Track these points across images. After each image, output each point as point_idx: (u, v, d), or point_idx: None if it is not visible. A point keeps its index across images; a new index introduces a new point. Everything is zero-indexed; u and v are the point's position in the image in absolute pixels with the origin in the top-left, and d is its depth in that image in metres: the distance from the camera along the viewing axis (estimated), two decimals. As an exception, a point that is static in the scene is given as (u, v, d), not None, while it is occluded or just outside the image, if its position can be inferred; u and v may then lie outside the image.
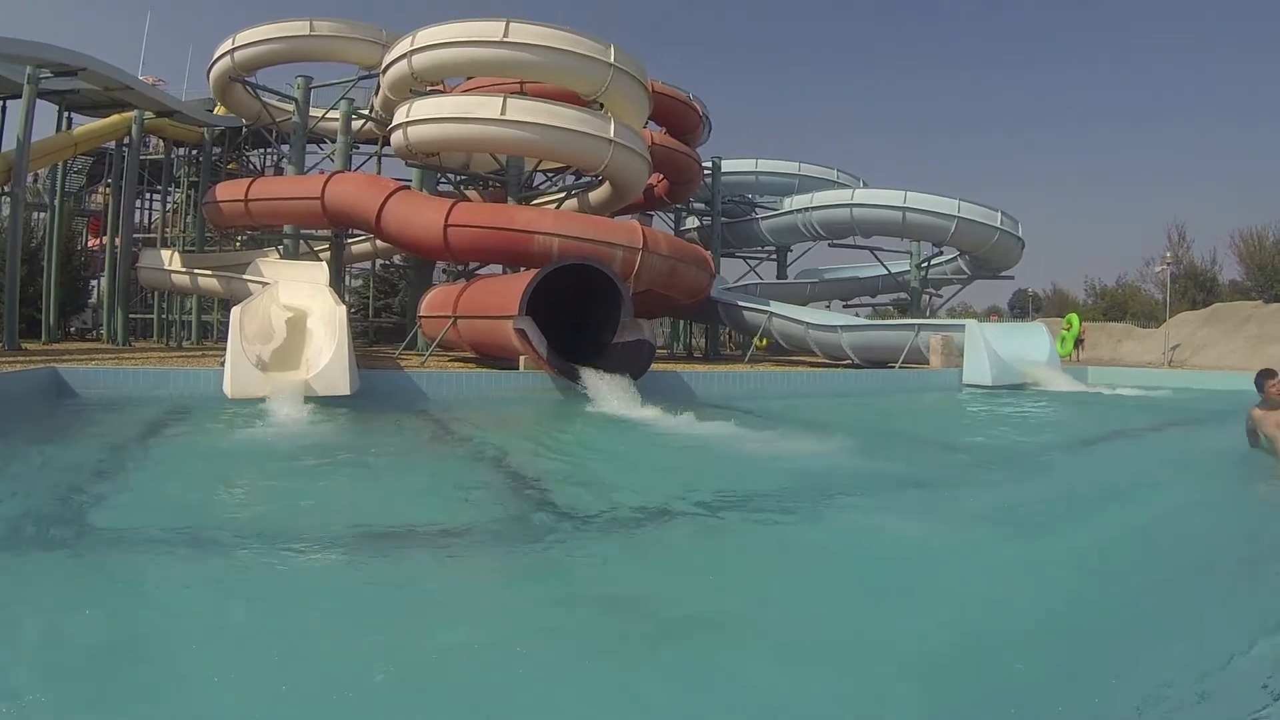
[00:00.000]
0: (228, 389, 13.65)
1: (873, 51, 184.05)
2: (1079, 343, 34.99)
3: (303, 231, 27.28)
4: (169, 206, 39.76)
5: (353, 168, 29.06)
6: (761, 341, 29.86)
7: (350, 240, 30.36)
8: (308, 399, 13.50)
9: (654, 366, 17.81)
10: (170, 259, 27.71)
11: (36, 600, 4.71)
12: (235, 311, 14.78)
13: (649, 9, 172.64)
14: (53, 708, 3.34)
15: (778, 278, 40.76)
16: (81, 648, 3.98)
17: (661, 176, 31.27)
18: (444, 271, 29.52)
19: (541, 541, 6.20)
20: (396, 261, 38.05)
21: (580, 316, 18.70)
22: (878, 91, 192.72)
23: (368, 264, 39.86)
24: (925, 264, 36.96)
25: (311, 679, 3.67)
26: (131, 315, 31.59)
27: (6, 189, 23.93)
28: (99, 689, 3.56)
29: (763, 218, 37.94)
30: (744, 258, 42.33)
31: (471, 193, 29.33)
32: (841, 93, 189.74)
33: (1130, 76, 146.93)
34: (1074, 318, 36.29)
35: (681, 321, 40.89)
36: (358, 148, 31.78)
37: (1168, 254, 44.96)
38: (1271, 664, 3.83)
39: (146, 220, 41.97)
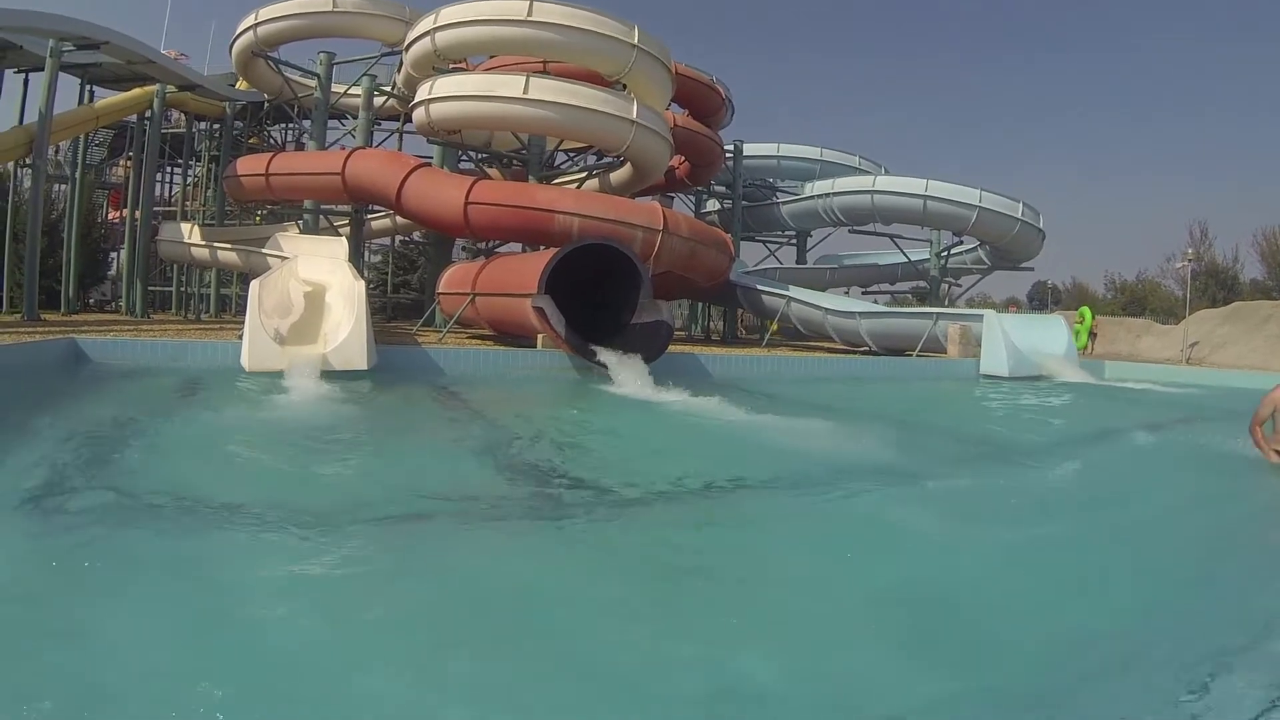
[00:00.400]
0: (245, 362, 13.70)
1: (884, 43, 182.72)
2: (1092, 336, 34.80)
3: (323, 207, 27.30)
4: (189, 180, 39.76)
5: (374, 144, 29.05)
6: (773, 326, 29.79)
7: (370, 216, 30.40)
8: (325, 373, 13.53)
9: (671, 348, 17.82)
10: (190, 232, 27.74)
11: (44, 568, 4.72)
12: (254, 285, 14.80)
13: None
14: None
15: (797, 263, 40.59)
16: (88, 614, 3.99)
17: (683, 158, 31.16)
18: (463, 249, 29.49)
19: (551, 518, 6.23)
20: (416, 238, 38.13)
21: (599, 296, 18.68)
22: (892, 81, 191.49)
23: (387, 240, 39.94)
24: (945, 253, 36.80)
25: (316, 654, 3.67)
26: (150, 288, 31.69)
27: (28, 161, 24.02)
28: (93, 655, 3.55)
29: (783, 202, 37.79)
30: (764, 242, 42.17)
31: (492, 171, 29.29)
32: (852, 85, 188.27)
33: (1159, 71, 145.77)
34: (1086, 311, 36.09)
35: (700, 304, 40.87)
36: (379, 124, 31.74)
37: (1189, 250, 44.67)
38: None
39: (167, 193, 41.98)
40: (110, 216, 41.28)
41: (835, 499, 7.42)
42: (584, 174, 28.41)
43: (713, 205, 40.02)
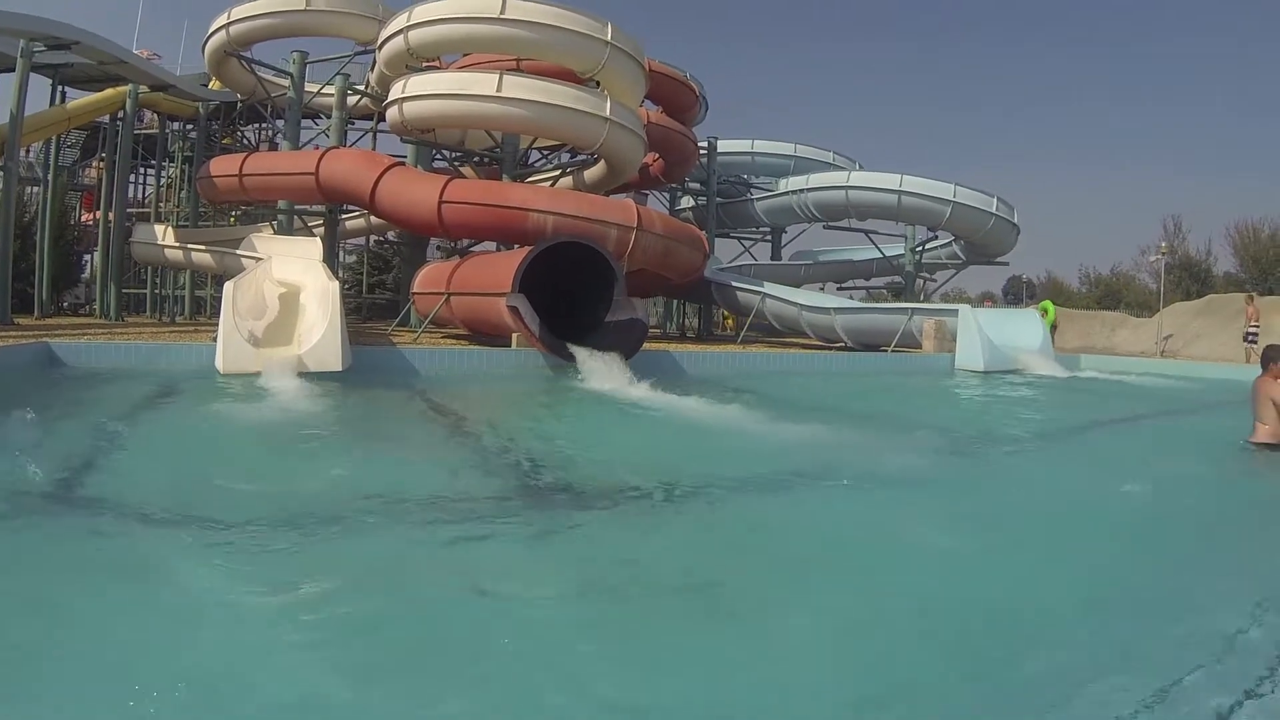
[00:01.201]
0: (220, 364, 13.68)
1: (865, 36, 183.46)
2: (1053, 329, 34.94)
3: (297, 207, 27.21)
4: (163, 181, 39.51)
5: (348, 144, 28.97)
6: (728, 320, 29.90)
7: (344, 216, 30.31)
8: (300, 374, 13.51)
9: (646, 345, 17.85)
10: (164, 234, 27.61)
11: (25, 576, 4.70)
12: (228, 287, 14.77)
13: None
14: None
15: (772, 259, 40.76)
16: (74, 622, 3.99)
17: (657, 156, 31.19)
18: (438, 248, 29.47)
19: (523, 515, 6.25)
20: (391, 238, 38.02)
21: (573, 295, 18.68)
22: (869, 77, 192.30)
23: (362, 240, 39.82)
24: (920, 248, 37.02)
25: (299, 650, 3.68)
26: (125, 290, 31.49)
27: None
28: (84, 658, 3.56)
29: (758, 199, 37.95)
30: (739, 238, 42.36)
31: (466, 170, 29.26)
32: (833, 78, 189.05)
33: (1134, 65, 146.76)
34: (1048, 304, 36.33)
35: (675, 301, 40.95)
36: (353, 123, 31.63)
37: (1163, 244, 44.87)
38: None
39: (140, 195, 41.74)
40: (83, 219, 41.01)
41: (808, 493, 7.45)
42: (558, 172, 28.46)
43: (687, 202, 40.13)
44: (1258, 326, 28.48)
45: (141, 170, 41.01)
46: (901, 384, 19.69)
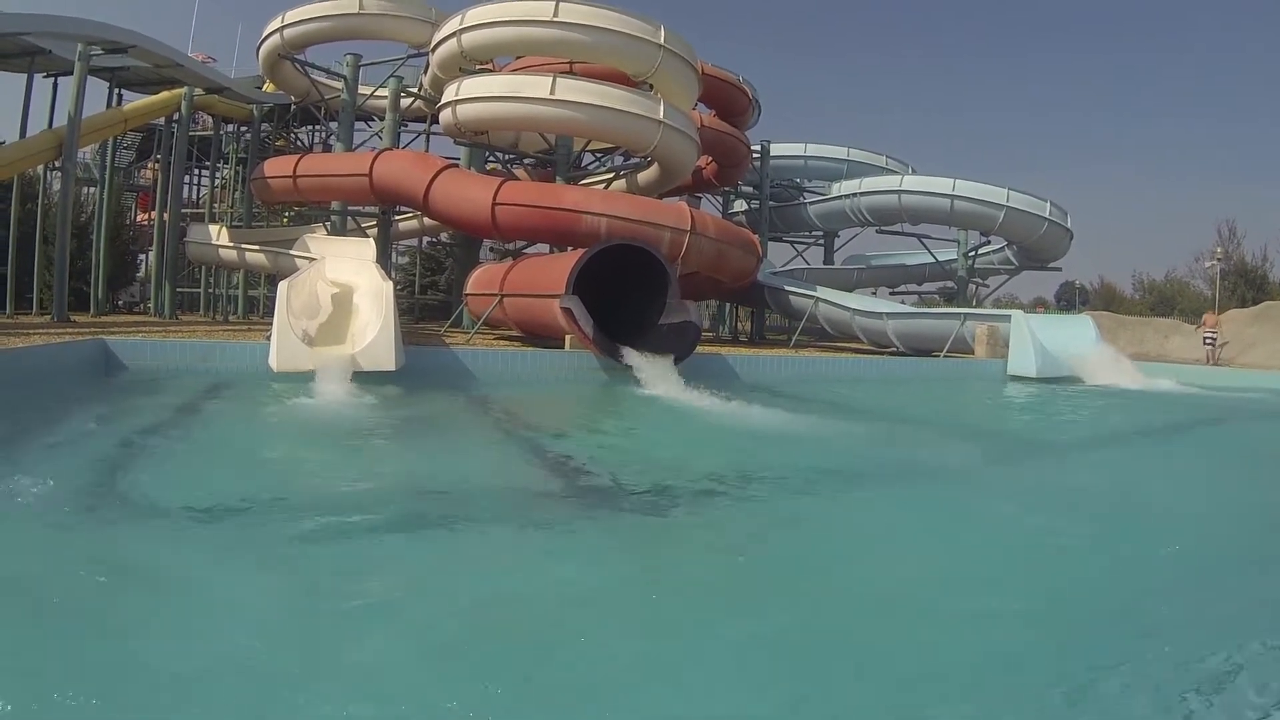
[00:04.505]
0: (274, 363, 13.68)
1: (914, 40, 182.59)
2: None
3: (350, 208, 27.34)
4: (217, 182, 40.02)
5: (401, 146, 29.08)
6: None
7: (397, 217, 30.43)
8: (353, 374, 13.51)
9: (699, 349, 17.76)
10: (218, 234, 27.85)
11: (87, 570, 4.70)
12: (282, 286, 14.78)
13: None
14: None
15: (825, 263, 40.54)
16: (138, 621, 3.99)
17: (710, 159, 31.11)
18: (491, 250, 29.53)
19: (584, 516, 6.21)
20: (443, 239, 38.22)
21: (626, 297, 18.63)
22: (920, 81, 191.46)
23: (415, 241, 40.00)
24: (973, 253, 36.68)
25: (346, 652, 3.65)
26: (179, 289, 31.85)
27: (58, 164, 24.19)
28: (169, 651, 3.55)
29: (811, 202, 37.68)
30: (791, 242, 42.12)
31: (520, 171, 29.30)
32: (883, 83, 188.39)
33: (1187, 71, 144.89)
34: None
35: (727, 304, 40.87)
36: (406, 126, 31.82)
37: (1218, 250, 44.28)
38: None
39: (195, 195, 42.27)
40: (139, 219, 41.62)
41: (855, 501, 7.39)
42: (611, 175, 28.39)
43: (740, 206, 40.03)
44: (1215, 333, 31.01)
45: (196, 171, 41.54)
46: (958, 390, 19.50)
